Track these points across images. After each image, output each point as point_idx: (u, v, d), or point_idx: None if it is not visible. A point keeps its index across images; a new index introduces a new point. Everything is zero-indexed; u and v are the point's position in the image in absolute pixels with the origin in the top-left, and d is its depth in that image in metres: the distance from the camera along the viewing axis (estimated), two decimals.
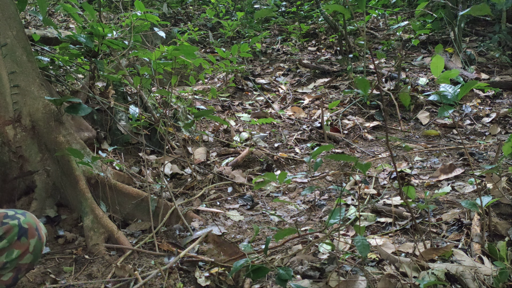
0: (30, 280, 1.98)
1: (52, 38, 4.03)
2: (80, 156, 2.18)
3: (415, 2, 6.37)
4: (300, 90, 5.04)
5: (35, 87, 2.46)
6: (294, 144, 3.73)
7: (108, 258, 2.15)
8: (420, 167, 3.06)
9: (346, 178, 3.02)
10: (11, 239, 1.59)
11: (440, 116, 3.80)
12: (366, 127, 3.93)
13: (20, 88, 2.42)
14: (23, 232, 1.61)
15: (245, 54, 3.62)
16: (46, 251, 2.20)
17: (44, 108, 2.45)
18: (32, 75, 2.47)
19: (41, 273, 2.03)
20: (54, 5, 6.86)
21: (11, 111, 2.41)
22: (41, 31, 4.02)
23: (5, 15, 2.43)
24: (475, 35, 5.80)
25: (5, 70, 2.40)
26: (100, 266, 2.09)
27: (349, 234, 2.24)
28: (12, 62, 2.41)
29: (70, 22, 6.69)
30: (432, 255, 1.88)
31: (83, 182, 2.39)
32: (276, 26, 7.25)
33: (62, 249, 2.24)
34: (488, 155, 3.11)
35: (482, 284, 1.66)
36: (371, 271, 1.84)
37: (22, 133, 2.41)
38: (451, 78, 1.86)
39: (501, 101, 4.29)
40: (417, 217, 2.32)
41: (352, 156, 2.06)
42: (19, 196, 2.41)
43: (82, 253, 2.19)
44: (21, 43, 2.46)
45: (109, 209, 2.49)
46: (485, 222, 2.08)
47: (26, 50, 2.47)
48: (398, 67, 4.28)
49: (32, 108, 2.43)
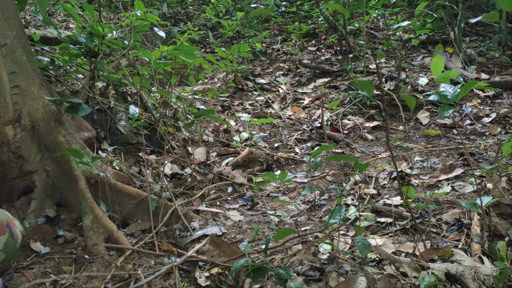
0: (30, 280, 1.97)
1: (52, 38, 4.03)
2: (80, 156, 2.18)
3: (415, 2, 6.37)
4: (300, 90, 5.04)
5: (35, 87, 2.46)
6: (294, 144, 3.73)
7: (107, 258, 2.14)
8: (420, 167, 3.06)
9: (346, 178, 3.02)
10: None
11: (440, 116, 3.80)
12: (366, 127, 3.93)
13: (20, 88, 2.42)
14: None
15: (245, 54, 3.62)
16: (45, 251, 2.20)
17: (44, 108, 2.44)
18: (32, 75, 2.46)
19: (41, 273, 2.03)
20: (54, 5, 6.86)
21: (11, 111, 2.40)
22: (41, 31, 4.02)
23: (5, 15, 2.43)
24: (475, 35, 5.80)
25: (5, 70, 2.40)
26: (100, 266, 2.08)
27: (349, 234, 2.24)
28: (12, 62, 2.41)
29: (70, 22, 6.69)
30: (432, 255, 1.87)
31: (83, 182, 2.39)
32: (276, 26, 7.25)
33: (62, 249, 2.24)
34: (488, 155, 3.11)
35: (482, 284, 1.66)
36: (371, 271, 1.84)
37: (22, 133, 2.41)
38: (451, 78, 1.86)
39: (501, 101, 4.29)
40: (417, 217, 2.32)
41: (351, 156, 2.05)
42: (18, 196, 2.41)
43: (81, 253, 2.19)
44: (21, 43, 2.46)
45: (109, 209, 2.49)
46: (485, 222, 2.08)
47: (26, 50, 2.47)
48: (398, 67, 4.27)
49: (32, 108, 2.43)
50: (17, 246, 1.62)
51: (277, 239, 1.82)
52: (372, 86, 1.62)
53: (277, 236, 1.80)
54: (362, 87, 1.61)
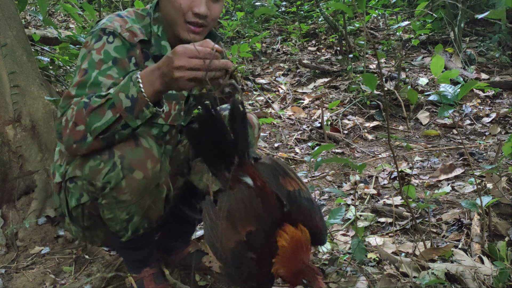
0: (30, 280, 1.98)
1: (52, 38, 4.03)
2: None
3: (415, 2, 6.37)
4: (300, 90, 5.04)
5: (35, 87, 2.46)
6: (294, 144, 3.74)
7: (108, 258, 2.15)
8: (420, 167, 3.06)
9: (346, 178, 3.02)
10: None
11: (440, 116, 3.79)
12: (366, 127, 3.93)
13: (20, 88, 2.42)
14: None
15: (245, 54, 3.62)
16: (45, 251, 2.20)
17: (44, 108, 2.45)
18: (32, 75, 2.47)
19: (41, 273, 2.03)
20: (54, 5, 6.86)
21: (11, 111, 2.41)
22: (41, 31, 4.02)
23: (5, 15, 2.43)
24: (475, 35, 5.80)
25: (5, 70, 2.40)
26: (100, 266, 2.08)
27: (349, 234, 2.24)
28: (12, 62, 2.41)
29: (70, 22, 6.70)
30: (432, 255, 1.88)
31: None
32: (276, 26, 7.25)
33: (62, 249, 2.24)
34: (488, 155, 3.11)
35: (482, 284, 1.66)
36: (371, 271, 1.84)
37: (22, 133, 2.41)
38: (451, 78, 1.87)
39: (501, 101, 4.29)
40: (417, 217, 2.32)
41: (345, 158, 2.06)
42: (19, 196, 2.41)
43: (82, 253, 2.19)
44: (21, 43, 2.46)
45: None
46: (485, 222, 2.08)
47: (26, 50, 2.47)
48: (398, 67, 4.28)
49: (32, 108, 2.43)
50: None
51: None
52: (375, 79, 1.62)
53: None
54: (365, 81, 1.61)
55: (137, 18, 1.68)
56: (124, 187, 1.47)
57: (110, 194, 1.48)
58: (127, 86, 1.37)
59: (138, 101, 1.36)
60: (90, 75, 1.50)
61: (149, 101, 1.37)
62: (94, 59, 1.52)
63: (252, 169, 1.35)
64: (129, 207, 1.53)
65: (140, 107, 1.36)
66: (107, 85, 1.49)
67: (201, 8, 1.55)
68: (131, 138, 1.48)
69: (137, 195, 1.51)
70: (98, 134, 1.39)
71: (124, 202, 1.51)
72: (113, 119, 1.38)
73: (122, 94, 1.37)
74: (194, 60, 1.29)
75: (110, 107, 1.37)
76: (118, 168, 1.45)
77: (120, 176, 1.46)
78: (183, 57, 1.29)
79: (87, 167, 1.47)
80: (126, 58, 1.57)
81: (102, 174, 1.45)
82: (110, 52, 1.54)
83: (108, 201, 1.50)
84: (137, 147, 1.48)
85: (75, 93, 1.48)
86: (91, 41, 1.57)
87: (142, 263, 1.78)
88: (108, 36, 1.56)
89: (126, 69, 1.56)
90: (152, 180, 1.52)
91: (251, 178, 1.33)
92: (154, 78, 1.36)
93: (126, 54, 1.58)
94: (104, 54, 1.54)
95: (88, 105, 1.39)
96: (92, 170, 1.47)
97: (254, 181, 1.33)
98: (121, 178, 1.46)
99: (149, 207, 1.57)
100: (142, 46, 1.64)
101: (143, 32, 1.64)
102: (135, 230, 1.60)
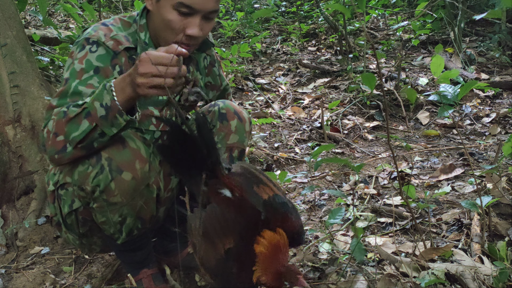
0: (30, 280, 1.98)
1: (52, 38, 4.03)
2: None
3: (415, 2, 6.37)
4: (300, 90, 5.04)
5: (35, 87, 2.46)
6: (294, 144, 3.73)
7: (108, 258, 2.14)
8: (420, 167, 3.06)
9: (346, 178, 3.02)
10: None
11: (440, 116, 3.79)
12: (366, 127, 3.93)
13: (20, 88, 2.42)
14: None
15: (245, 54, 3.62)
16: (45, 251, 2.20)
17: (44, 108, 2.45)
18: (32, 75, 2.47)
19: (41, 273, 2.03)
20: (54, 5, 6.86)
21: (11, 111, 2.41)
22: (41, 31, 4.02)
23: (5, 15, 2.43)
24: (475, 35, 5.80)
25: (5, 70, 2.40)
26: (100, 266, 2.08)
27: (349, 234, 2.24)
28: (12, 62, 2.42)
29: (70, 22, 6.69)
30: (432, 255, 1.88)
31: None
32: (276, 26, 7.25)
33: (62, 249, 2.24)
34: (488, 155, 3.11)
35: (482, 284, 1.66)
36: (371, 271, 1.84)
37: (22, 133, 2.41)
38: (451, 78, 1.87)
39: (501, 101, 4.29)
40: (417, 217, 2.32)
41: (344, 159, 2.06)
42: (18, 196, 2.41)
43: (82, 253, 2.19)
44: (21, 43, 2.46)
45: None
46: (485, 222, 2.08)
47: (26, 50, 2.47)
48: (398, 67, 4.27)
49: (32, 108, 2.43)
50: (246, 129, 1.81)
51: None
52: (375, 79, 1.63)
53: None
54: (364, 81, 1.61)
55: (123, 25, 1.68)
56: (113, 189, 1.48)
57: (100, 197, 1.49)
58: (101, 94, 1.38)
59: (112, 109, 1.36)
60: (70, 85, 1.51)
61: (122, 108, 1.37)
62: (76, 69, 1.53)
63: (228, 180, 1.36)
64: (121, 209, 1.53)
65: (113, 115, 1.37)
66: (87, 94, 1.49)
67: (193, 30, 1.56)
68: (118, 141, 1.49)
69: (127, 197, 1.51)
70: (77, 143, 1.40)
71: (115, 204, 1.51)
72: (89, 128, 1.38)
73: (97, 102, 1.37)
74: (155, 67, 1.29)
75: (86, 116, 1.38)
76: (106, 170, 1.45)
77: (109, 178, 1.46)
78: (147, 63, 1.29)
79: (76, 172, 1.48)
80: (109, 67, 1.58)
81: (91, 178, 1.46)
82: (92, 61, 1.55)
83: (100, 204, 1.51)
84: (125, 148, 1.49)
85: (56, 103, 1.50)
86: (76, 51, 1.58)
87: (140, 265, 1.78)
88: (92, 46, 1.57)
89: (109, 77, 1.56)
90: (142, 180, 1.52)
91: (229, 189, 1.34)
92: (124, 85, 1.36)
93: (110, 62, 1.58)
94: (86, 63, 1.54)
95: (66, 114, 1.40)
96: (81, 175, 1.47)
97: (232, 192, 1.34)
98: (110, 180, 1.46)
99: (141, 207, 1.57)
100: (129, 54, 1.64)
101: (129, 40, 1.65)
102: (130, 232, 1.60)
